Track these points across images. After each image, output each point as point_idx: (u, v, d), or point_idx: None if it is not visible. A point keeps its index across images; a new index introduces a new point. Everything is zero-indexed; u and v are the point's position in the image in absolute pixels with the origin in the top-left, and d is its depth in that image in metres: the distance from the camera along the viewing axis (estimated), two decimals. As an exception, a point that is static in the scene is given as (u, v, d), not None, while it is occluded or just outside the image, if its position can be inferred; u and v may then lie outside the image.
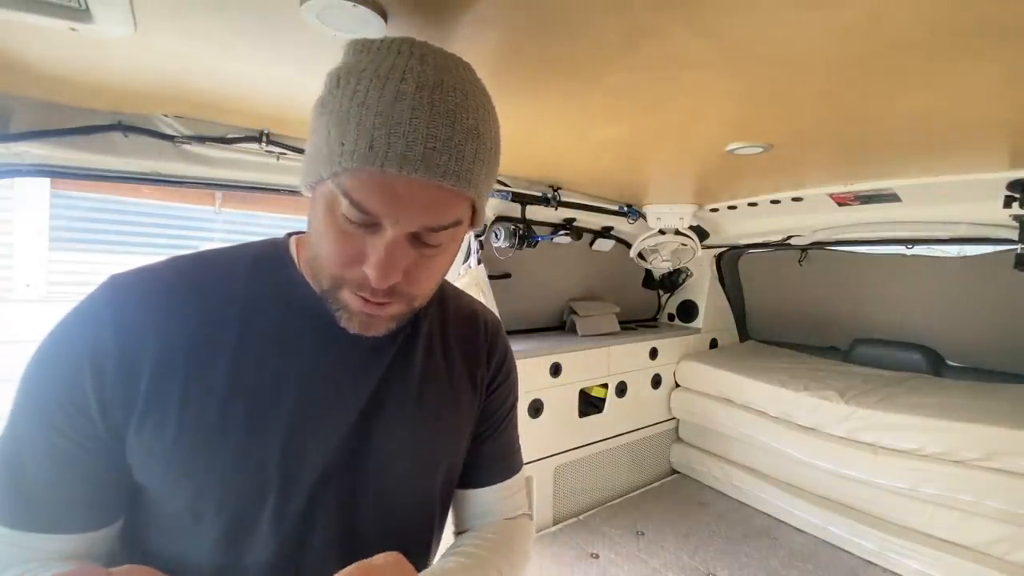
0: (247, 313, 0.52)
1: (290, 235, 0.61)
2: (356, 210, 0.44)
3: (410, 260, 0.47)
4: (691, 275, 2.82)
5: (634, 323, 2.76)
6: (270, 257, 0.57)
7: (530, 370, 1.94)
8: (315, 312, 0.54)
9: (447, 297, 0.69)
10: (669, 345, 2.55)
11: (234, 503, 0.49)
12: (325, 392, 0.53)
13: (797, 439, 2.01)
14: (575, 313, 2.34)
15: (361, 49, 0.47)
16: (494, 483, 0.69)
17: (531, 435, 1.94)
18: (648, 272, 2.78)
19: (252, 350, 0.51)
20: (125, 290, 0.49)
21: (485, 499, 0.68)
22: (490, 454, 0.69)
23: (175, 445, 0.47)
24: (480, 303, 0.73)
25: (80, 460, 0.46)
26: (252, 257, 0.56)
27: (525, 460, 0.75)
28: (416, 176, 0.42)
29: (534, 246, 2.02)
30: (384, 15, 0.63)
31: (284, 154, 1.29)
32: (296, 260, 0.57)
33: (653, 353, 2.47)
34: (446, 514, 0.68)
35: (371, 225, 0.45)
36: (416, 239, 0.47)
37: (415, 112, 0.42)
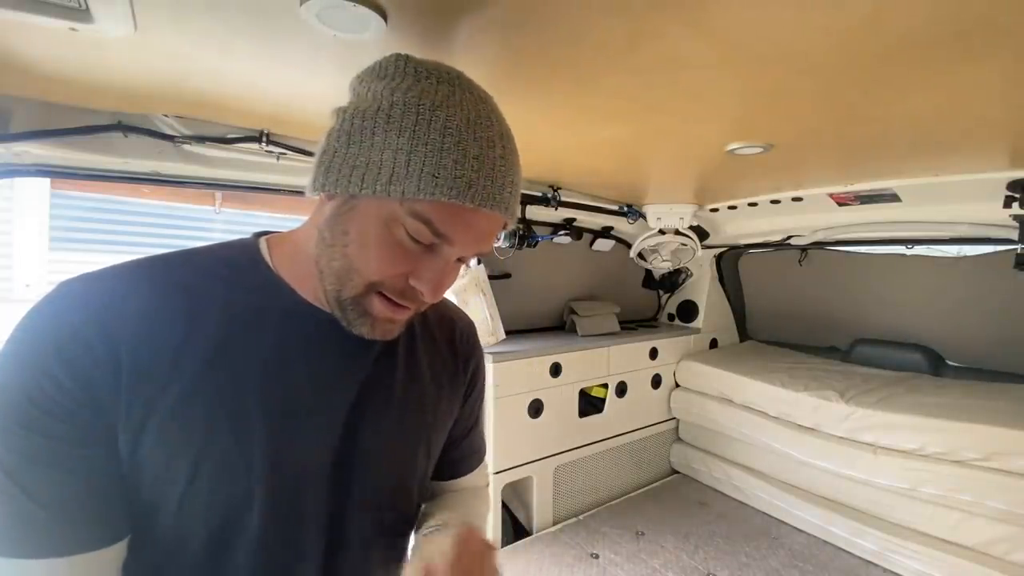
0: (227, 315, 0.50)
1: (258, 236, 0.60)
2: (433, 235, 0.48)
3: None
4: (691, 275, 2.82)
5: (634, 323, 2.76)
6: (242, 261, 0.55)
7: (530, 370, 1.94)
8: (297, 315, 0.54)
9: None
10: (669, 345, 2.55)
11: (222, 508, 0.48)
12: (309, 394, 0.53)
13: (797, 439, 2.01)
14: (575, 313, 2.34)
15: (420, 73, 0.49)
16: (474, 470, 0.80)
17: (531, 435, 1.94)
18: (648, 272, 2.78)
19: (233, 354, 0.49)
20: (98, 287, 0.47)
21: (468, 484, 0.79)
22: (468, 447, 0.78)
23: (158, 452, 0.45)
24: (452, 304, 0.77)
25: (80, 463, 0.43)
26: (224, 260, 0.55)
27: (525, 460, 0.81)
28: (495, 213, 0.49)
29: (534, 246, 2.02)
30: (384, 15, 0.63)
31: (284, 154, 1.29)
32: (270, 263, 0.56)
33: (653, 353, 2.47)
34: (421, 505, 0.72)
35: (432, 245, 0.50)
36: (460, 258, 0.53)
37: (504, 160, 0.50)
